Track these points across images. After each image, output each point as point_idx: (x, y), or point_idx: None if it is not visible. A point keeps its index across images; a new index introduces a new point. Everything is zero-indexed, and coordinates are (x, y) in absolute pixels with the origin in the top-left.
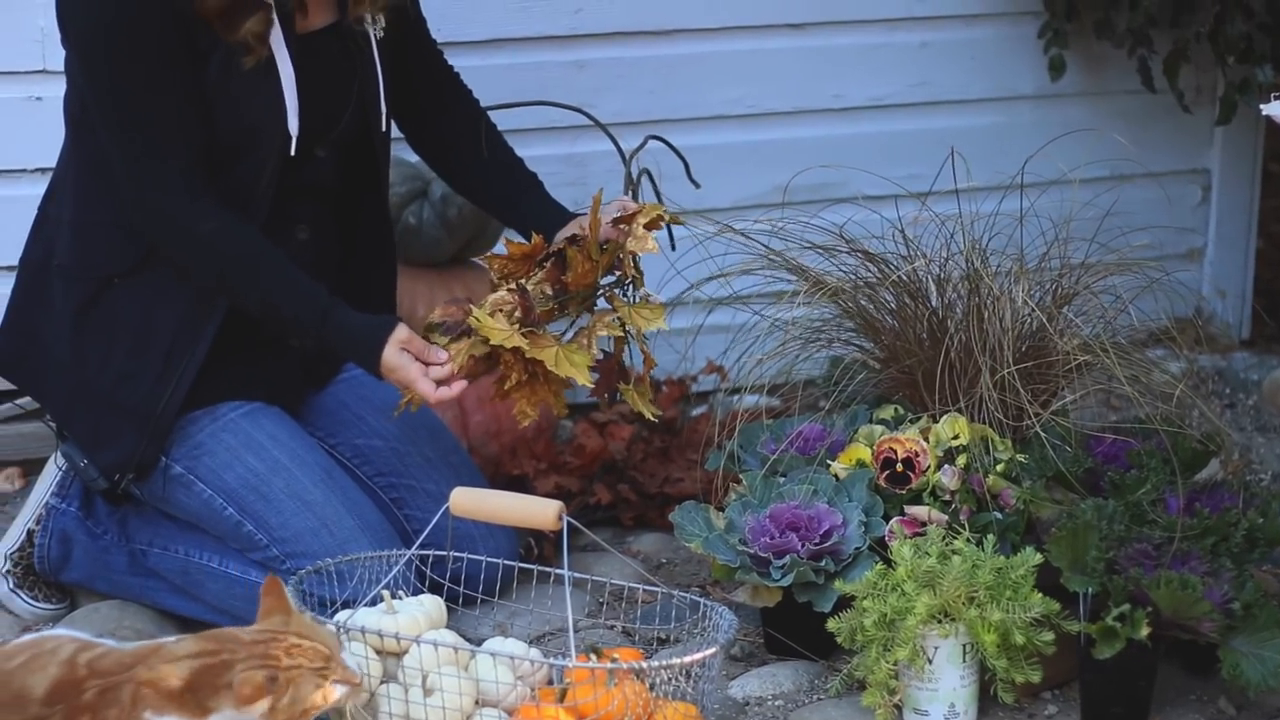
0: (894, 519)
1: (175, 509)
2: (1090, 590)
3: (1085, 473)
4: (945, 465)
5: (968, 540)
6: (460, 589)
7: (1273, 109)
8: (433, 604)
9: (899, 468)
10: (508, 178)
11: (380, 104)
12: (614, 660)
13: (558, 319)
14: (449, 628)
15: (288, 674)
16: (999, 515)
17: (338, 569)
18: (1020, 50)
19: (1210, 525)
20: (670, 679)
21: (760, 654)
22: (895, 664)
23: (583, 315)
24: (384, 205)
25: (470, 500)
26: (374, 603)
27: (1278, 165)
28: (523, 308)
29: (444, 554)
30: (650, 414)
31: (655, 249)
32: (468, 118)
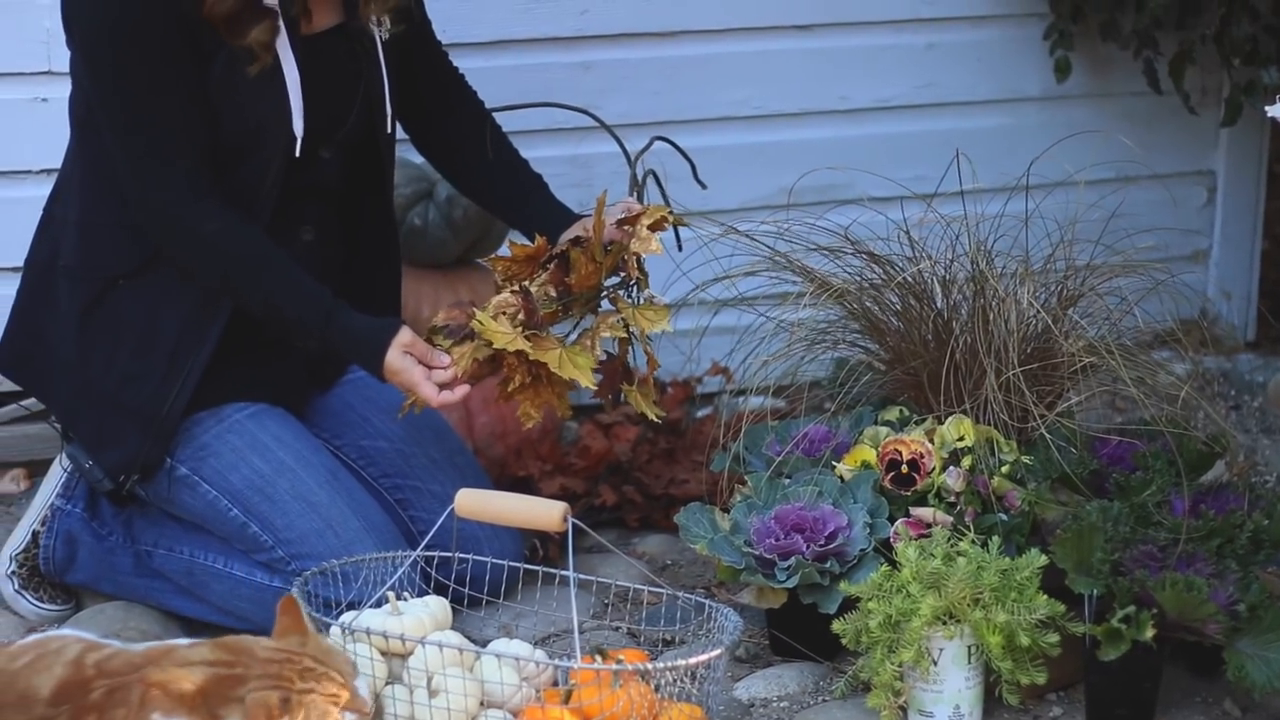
0: (899, 521)
1: (180, 510)
2: (1095, 592)
3: (1090, 474)
4: (950, 467)
5: (973, 542)
6: (465, 590)
7: (1278, 110)
8: (438, 605)
9: (904, 469)
10: (512, 179)
11: (385, 105)
12: (619, 662)
13: (561, 321)
14: (454, 629)
15: (300, 697)
16: (1004, 517)
17: (343, 570)
18: (1026, 52)
19: (1215, 527)
20: (675, 680)
21: (765, 655)
22: (900, 665)
23: (586, 317)
24: (389, 206)
25: (475, 501)
26: (379, 604)
27: None
28: (526, 310)
29: (449, 555)
30: (654, 415)
31: (660, 250)
32: (472, 119)
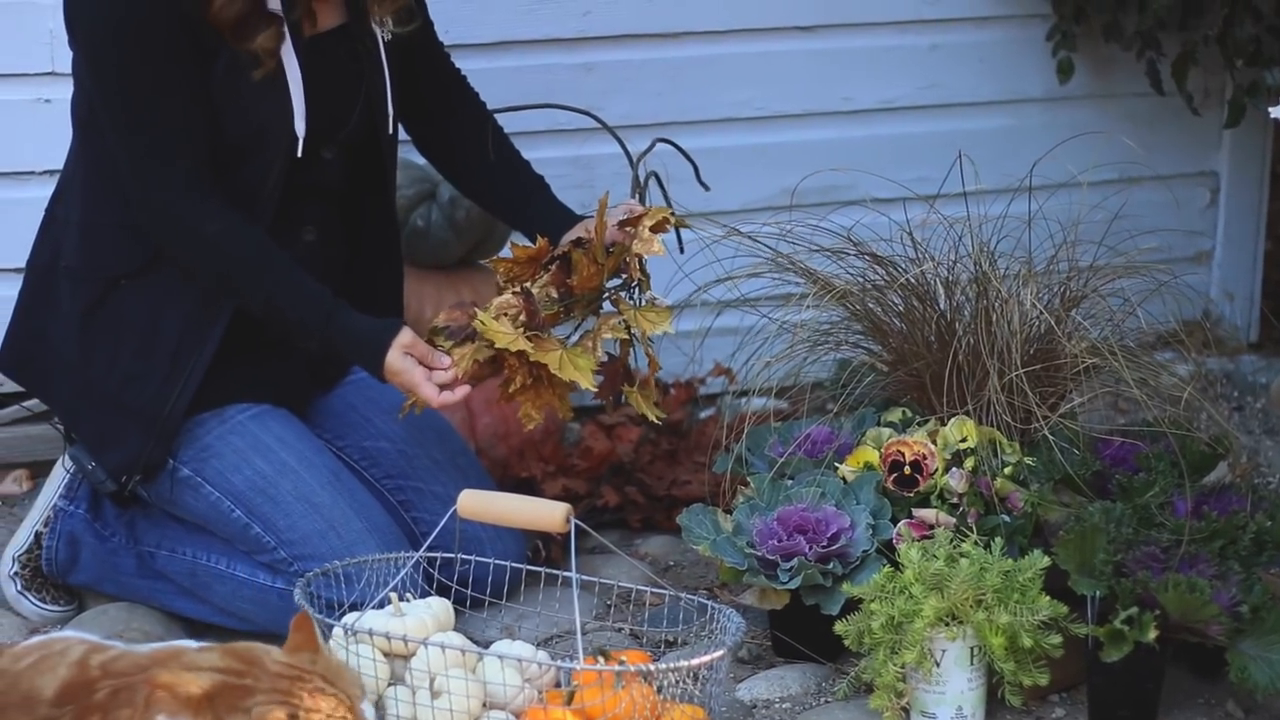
0: (902, 522)
1: (183, 511)
2: (1098, 593)
3: (1093, 475)
4: (953, 468)
5: (975, 543)
6: (468, 591)
7: None
8: (440, 606)
9: (907, 470)
10: (514, 181)
11: (387, 106)
12: (621, 663)
13: (563, 322)
14: (456, 630)
15: (307, 716)
16: (1007, 518)
17: (345, 571)
18: (1029, 53)
19: (1218, 528)
20: (678, 681)
21: (768, 656)
22: (903, 667)
23: (588, 318)
24: (391, 207)
25: (478, 502)
26: (381, 605)
27: None
28: (527, 311)
29: (451, 556)
30: (654, 416)
31: (661, 252)
32: (474, 121)
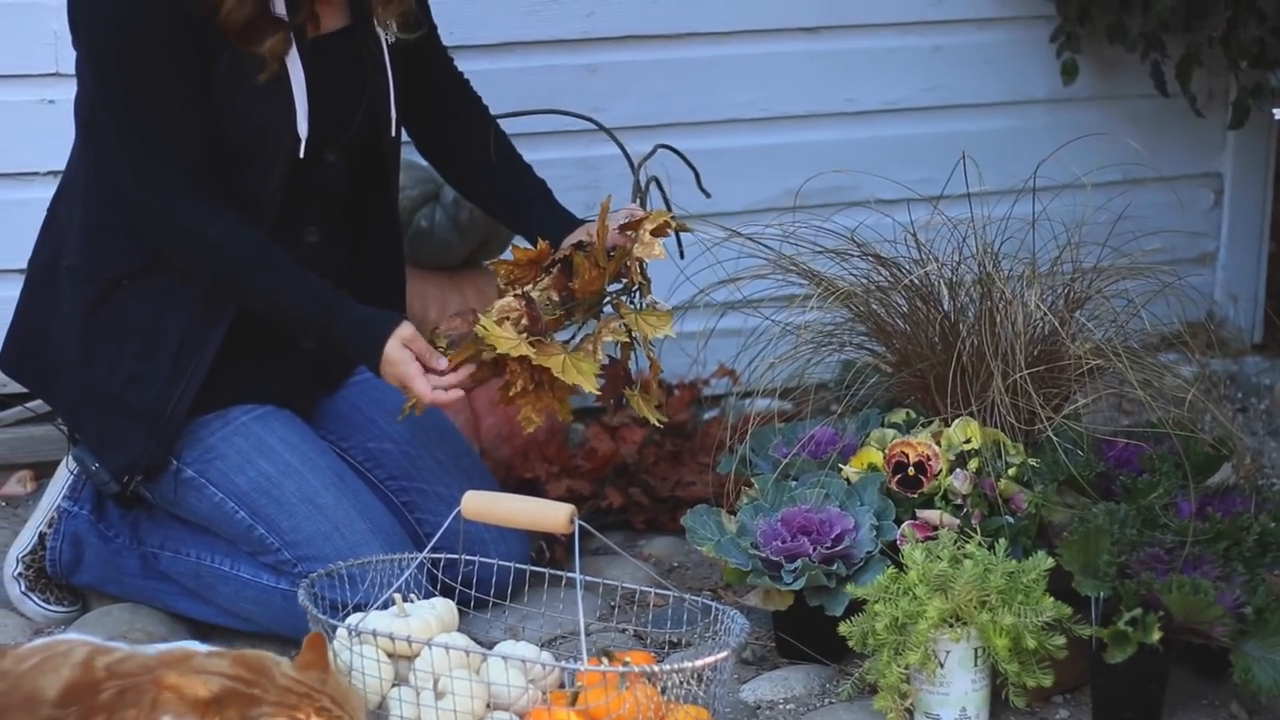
0: (905, 523)
1: (187, 512)
2: (1102, 594)
3: (1097, 477)
4: (957, 469)
5: (979, 544)
6: (471, 592)
7: None
8: (444, 607)
9: (911, 471)
10: (515, 184)
11: (390, 108)
12: (625, 664)
13: (564, 326)
14: (460, 631)
15: None
16: (1011, 519)
17: (349, 572)
18: (1033, 54)
19: (1222, 529)
20: (682, 683)
21: (772, 658)
22: (907, 668)
23: (589, 322)
24: (393, 209)
25: (482, 503)
26: (385, 606)
27: None
28: (529, 316)
29: (455, 557)
30: (655, 419)
31: (663, 255)
32: (476, 124)
